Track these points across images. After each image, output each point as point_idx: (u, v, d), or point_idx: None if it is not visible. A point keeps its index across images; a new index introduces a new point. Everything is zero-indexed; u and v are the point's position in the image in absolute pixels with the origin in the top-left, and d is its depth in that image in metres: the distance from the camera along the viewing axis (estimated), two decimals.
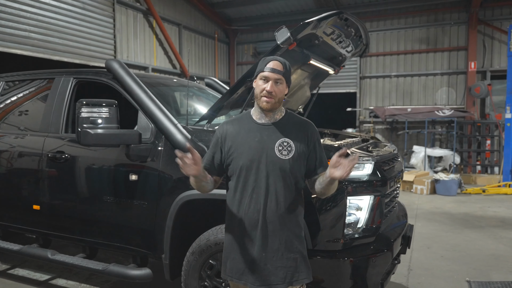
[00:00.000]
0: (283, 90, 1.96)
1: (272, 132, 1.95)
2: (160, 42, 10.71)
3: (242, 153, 1.94)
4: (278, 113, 2.01)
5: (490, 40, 11.14)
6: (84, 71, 3.53)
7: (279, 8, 12.69)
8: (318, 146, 2.01)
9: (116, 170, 3.04)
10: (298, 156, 1.93)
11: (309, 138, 1.98)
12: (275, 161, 1.91)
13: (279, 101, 1.96)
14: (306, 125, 2.03)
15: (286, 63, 1.97)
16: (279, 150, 1.91)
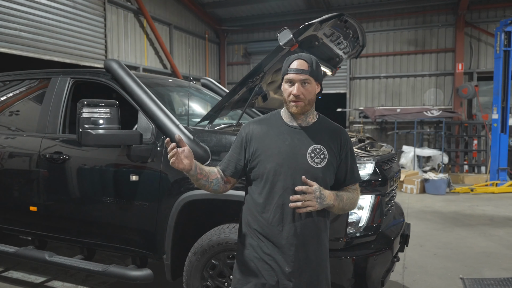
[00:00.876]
0: (313, 90, 1.79)
1: (304, 136, 1.80)
2: (151, 42, 10.65)
3: (270, 157, 1.78)
4: (310, 115, 1.85)
5: (476, 42, 11.37)
6: (82, 71, 3.51)
7: (270, 8, 12.73)
8: (350, 156, 1.86)
9: (116, 170, 3.02)
10: (330, 165, 1.78)
11: (341, 146, 1.83)
12: (307, 169, 1.73)
13: (310, 103, 1.80)
14: (339, 132, 1.87)
15: (312, 59, 1.78)
16: (311, 157, 1.76)
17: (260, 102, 3.38)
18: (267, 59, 2.74)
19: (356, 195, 1.88)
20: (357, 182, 1.89)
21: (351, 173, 1.86)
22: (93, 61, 8.56)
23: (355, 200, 1.87)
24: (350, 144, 1.87)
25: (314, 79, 1.78)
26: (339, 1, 12.08)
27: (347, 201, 1.82)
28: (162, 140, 2.88)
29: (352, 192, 1.87)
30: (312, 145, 1.78)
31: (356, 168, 1.88)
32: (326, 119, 1.94)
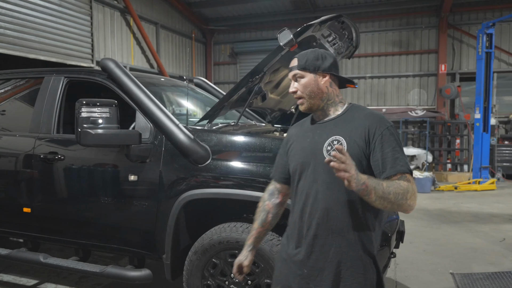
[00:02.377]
0: (309, 82, 1.67)
1: (324, 130, 1.67)
2: (137, 41, 10.55)
3: (295, 155, 1.74)
4: (330, 109, 1.71)
5: (459, 43, 11.66)
6: (76, 70, 3.47)
7: (256, 9, 12.77)
8: (384, 144, 1.56)
9: (114, 170, 3.00)
10: (352, 155, 1.47)
11: (369, 134, 1.58)
12: (323, 165, 1.55)
13: (312, 96, 1.68)
14: (368, 119, 1.62)
15: (306, 53, 1.70)
16: (327, 151, 1.61)
17: (258, 102, 3.40)
18: (267, 59, 2.77)
19: (405, 183, 1.50)
20: (397, 173, 1.53)
21: (388, 163, 1.55)
22: (80, 60, 8.44)
23: (405, 189, 1.48)
24: (383, 131, 1.58)
25: (309, 71, 1.67)
26: (325, 2, 12.20)
27: (390, 188, 1.46)
28: (160, 139, 2.87)
29: (399, 181, 1.51)
30: (330, 137, 1.63)
31: (399, 157, 1.55)
32: (360, 108, 1.71)
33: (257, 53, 13.44)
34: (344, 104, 1.73)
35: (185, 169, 2.77)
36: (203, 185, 2.72)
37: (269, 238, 2.60)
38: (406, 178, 1.54)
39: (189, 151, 2.73)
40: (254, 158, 2.68)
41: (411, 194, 1.50)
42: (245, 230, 2.63)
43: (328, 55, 1.70)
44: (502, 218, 6.33)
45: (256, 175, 2.62)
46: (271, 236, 2.62)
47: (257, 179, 2.61)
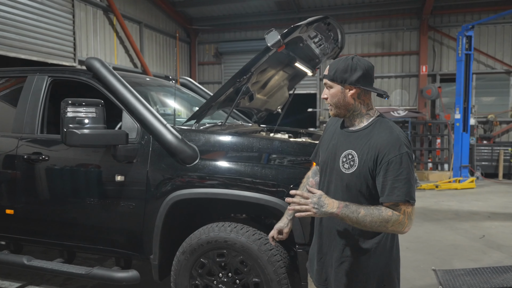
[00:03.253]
0: (336, 94, 1.75)
1: (345, 140, 1.79)
2: (121, 40, 10.42)
3: (323, 152, 1.93)
4: (355, 119, 1.79)
5: (439, 45, 11.91)
6: (60, 69, 3.42)
7: (241, 9, 12.77)
8: (388, 172, 1.64)
9: (100, 171, 2.98)
10: (360, 173, 1.68)
11: (378, 157, 1.66)
12: (338, 172, 1.77)
13: (339, 106, 1.77)
14: (383, 142, 1.67)
15: (338, 63, 1.75)
16: (342, 162, 1.75)
17: (245, 102, 3.42)
18: (255, 59, 2.79)
19: (389, 213, 1.62)
20: (390, 202, 1.63)
21: (385, 191, 1.64)
22: (62, 59, 8.28)
23: (385, 219, 1.61)
24: (392, 158, 1.64)
25: (337, 82, 1.74)
26: (309, 3, 12.29)
27: (367, 218, 1.61)
28: (147, 139, 2.86)
29: (385, 210, 1.63)
30: (347, 150, 1.75)
31: (398, 186, 1.62)
32: (385, 126, 1.73)
33: (241, 53, 13.45)
34: (371, 116, 1.79)
35: (172, 169, 2.77)
36: (191, 185, 2.72)
37: (257, 238, 2.62)
38: (397, 207, 1.64)
39: (177, 151, 2.72)
40: (242, 157, 2.70)
41: (394, 222, 1.62)
42: (233, 230, 2.65)
43: (358, 67, 1.72)
44: (481, 216, 6.51)
45: (244, 175, 2.64)
46: (259, 235, 2.65)
47: (245, 179, 2.63)
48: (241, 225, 2.69)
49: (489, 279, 3.71)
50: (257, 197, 2.59)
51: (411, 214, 1.65)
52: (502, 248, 4.84)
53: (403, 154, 1.64)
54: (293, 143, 2.73)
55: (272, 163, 2.65)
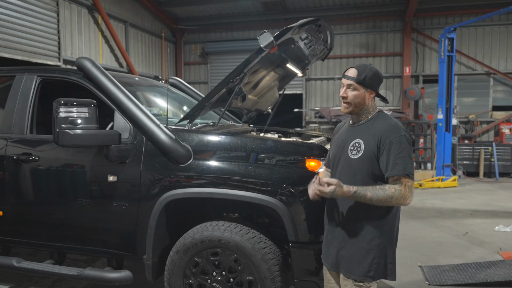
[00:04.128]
0: (360, 95, 2.04)
1: (352, 133, 2.10)
2: (106, 39, 10.31)
3: (332, 149, 2.22)
4: (362, 116, 2.10)
5: (422, 47, 12.16)
6: (50, 69, 3.39)
7: (227, 9, 12.78)
8: (391, 151, 1.93)
9: (92, 171, 2.96)
10: (366, 157, 1.98)
11: (380, 141, 1.96)
12: (347, 159, 2.06)
13: (357, 105, 2.06)
14: (384, 128, 1.99)
15: (366, 69, 2.03)
16: (350, 150, 2.05)
17: (238, 103, 3.45)
18: (248, 60, 2.82)
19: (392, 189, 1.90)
20: (394, 176, 1.92)
21: (388, 167, 1.93)
22: (46, 58, 8.15)
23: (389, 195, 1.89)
24: (392, 139, 1.94)
25: (363, 86, 2.03)
26: (295, 4, 12.39)
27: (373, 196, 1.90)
28: (140, 139, 2.86)
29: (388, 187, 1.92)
30: (354, 139, 2.05)
31: (399, 162, 1.91)
32: (384, 118, 2.06)
33: (228, 54, 13.46)
34: (374, 112, 2.10)
35: (166, 169, 2.78)
36: (185, 184, 2.74)
37: (251, 236, 2.66)
38: (399, 181, 1.93)
39: (170, 151, 2.74)
40: (236, 157, 2.72)
41: (398, 197, 1.92)
42: (227, 229, 2.68)
43: (379, 75, 2.08)
44: (464, 213, 6.68)
45: (238, 174, 2.67)
46: (252, 234, 2.68)
47: (239, 178, 2.66)
48: (235, 224, 2.72)
49: (473, 275, 3.82)
50: (251, 196, 2.62)
51: (411, 187, 1.95)
52: (484, 245, 4.99)
53: (401, 136, 1.95)
54: (286, 143, 2.77)
55: (266, 163, 2.68)
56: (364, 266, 2.03)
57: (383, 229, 2.04)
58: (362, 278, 2.03)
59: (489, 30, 11.59)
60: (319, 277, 2.63)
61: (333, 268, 2.15)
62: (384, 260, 2.05)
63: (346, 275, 2.08)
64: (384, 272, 2.06)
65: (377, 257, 2.03)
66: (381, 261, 2.04)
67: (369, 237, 2.03)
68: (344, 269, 2.08)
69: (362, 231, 2.04)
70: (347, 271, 2.07)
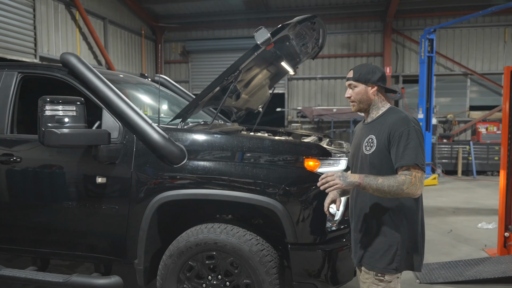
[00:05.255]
0: (360, 91, 2.10)
1: (366, 130, 2.16)
2: (84, 36, 10.01)
3: (351, 149, 2.30)
4: (373, 112, 2.14)
5: (402, 47, 12.36)
6: (32, 65, 3.22)
7: (209, 7, 12.63)
8: (400, 143, 1.96)
9: (79, 172, 2.82)
10: (379, 151, 2.03)
11: (390, 133, 2.00)
12: (363, 157, 2.12)
13: (361, 102, 2.11)
14: (394, 121, 2.02)
15: (361, 67, 2.13)
16: (365, 146, 2.11)
17: (231, 101, 3.36)
18: (243, 57, 2.74)
19: (402, 177, 1.91)
20: (403, 166, 1.93)
21: (398, 157, 1.96)
22: (22, 55, 7.83)
23: (400, 182, 1.89)
24: (401, 132, 1.96)
25: (360, 82, 2.10)
26: (277, 4, 12.36)
27: (385, 182, 1.90)
28: (129, 139, 2.74)
29: (398, 175, 1.93)
30: (368, 136, 2.11)
31: (408, 153, 1.93)
32: (394, 112, 2.08)
33: (209, 52, 13.32)
34: (384, 107, 2.13)
35: (159, 169, 2.67)
36: (179, 186, 2.64)
37: (248, 238, 2.58)
38: (408, 171, 1.93)
39: (164, 151, 2.63)
40: (232, 157, 2.64)
41: (409, 185, 1.91)
42: (223, 231, 2.59)
43: (377, 70, 2.12)
44: (446, 211, 6.80)
45: (235, 175, 2.59)
46: (249, 235, 2.60)
47: (236, 179, 2.58)
48: (231, 226, 2.64)
49: (462, 272, 3.86)
50: (249, 197, 2.55)
51: (421, 178, 1.95)
52: (469, 242, 5.07)
53: (410, 128, 1.97)
54: (284, 142, 2.71)
55: (264, 163, 2.61)
56: (387, 258, 2.04)
57: (405, 222, 2.05)
58: (384, 270, 2.05)
59: (466, 31, 11.88)
60: (320, 279, 2.60)
61: (357, 264, 2.18)
62: (408, 252, 2.07)
63: (368, 268, 2.09)
64: (410, 263, 2.08)
65: (399, 249, 2.04)
66: (403, 253, 2.05)
67: (391, 231, 2.04)
68: (367, 263, 2.10)
69: (385, 225, 2.06)
70: (369, 264, 2.08)
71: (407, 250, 2.06)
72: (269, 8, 12.55)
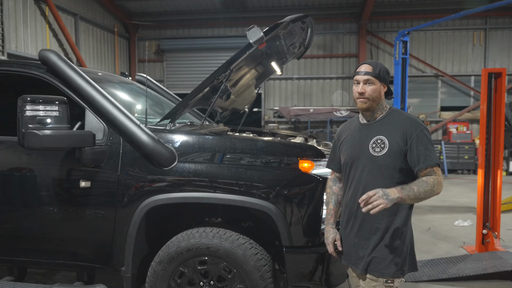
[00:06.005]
0: (377, 89, 2.03)
1: (369, 131, 2.07)
2: (54, 33, 9.61)
3: (346, 150, 2.15)
4: (378, 112, 2.08)
5: (376, 49, 12.59)
6: (6, 62, 3.05)
7: (184, 5, 12.44)
8: (418, 144, 1.96)
9: (60, 176, 2.67)
10: (393, 152, 1.98)
11: (406, 135, 1.98)
12: (369, 157, 2.03)
13: (374, 100, 2.03)
14: (406, 122, 2.02)
15: (377, 64, 2.05)
16: (373, 148, 2.02)
17: (222, 102, 3.28)
18: (235, 57, 2.67)
19: (431, 179, 1.92)
20: (427, 167, 1.94)
21: (420, 159, 1.94)
22: None
23: (431, 185, 1.90)
24: (417, 133, 1.96)
25: (378, 80, 2.03)
26: (254, 3, 12.31)
27: (420, 189, 1.89)
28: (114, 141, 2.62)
29: (426, 178, 1.92)
30: (374, 136, 2.04)
31: (429, 154, 1.94)
32: (400, 112, 2.09)
33: (185, 51, 13.12)
34: (386, 108, 2.10)
35: (148, 173, 2.56)
36: (169, 189, 2.54)
37: (242, 242, 2.52)
38: (433, 171, 1.95)
39: (153, 153, 2.52)
40: (225, 159, 2.57)
41: (437, 185, 1.93)
42: (216, 235, 2.52)
43: (388, 69, 2.09)
44: (423, 209, 6.95)
45: (228, 177, 2.52)
46: (243, 239, 2.54)
47: (229, 181, 2.52)
48: (224, 230, 2.56)
49: (445, 270, 3.94)
50: (242, 200, 2.48)
51: (441, 174, 1.99)
52: (448, 239, 5.20)
53: (424, 129, 1.99)
54: (277, 144, 2.66)
55: (257, 165, 2.55)
56: (396, 263, 2.00)
57: (408, 224, 2.07)
58: (394, 275, 2.01)
59: (437, 34, 12.24)
60: (313, 281, 2.56)
61: (363, 272, 2.06)
62: (410, 254, 2.08)
63: (376, 275, 2.02)
64: (413, 265, 2.09)
65: (408, 251, 2.04)
66: (408, 256, 2.05)
67: (397, 235, 2.02)
68: (374, 270, 2.02)
69: (390, 229, 2.02)
70: (377, 271, 2.01)
71: (410, 252, 2.06)
72: (246, 8, 12.49)
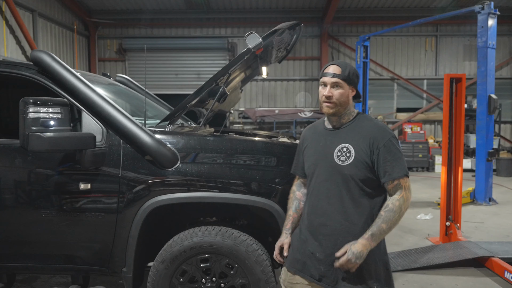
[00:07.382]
0: (344, 93, 1.88)
1: (334, 137, 1.92)
2: (11, 29, 9.13)
3: (309, 157, 2.01)
4: (344, 117, 1.93)
5: (337, 52, 13.07)
6: None
7: (147, 4, 12.23)
8: (385, 154, 1.82)
9: (59, 179, 2.64)
10: (359, 162, 1.83)
11: (373, 144, 1.84)
12: (334, 166, 1.87)
13: (342, 105, 1.88)
14: (374, 130, 1.87)
15: (347, 66, 1.90)
16: (338, 156, 1.87)
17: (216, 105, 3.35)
18: (234, 61, 2.77)
19: (397, 203, 1.80)
20: (394, 180, 1.81)
21: (387, 171, 1.82)
22: None
23: (398, 210, 1.79)
24: (384, 142, 1.83)
25: (347, 83, 1.89)
26: (219, 4, 12.36)
27: (389, 223, 1.78)
28: (114, 142, 2.63)
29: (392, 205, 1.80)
30: (340, 144, 1.89)
31: (396, 165, 1.81)
32: (368, 118, 1.95)
33: (148, 51, 12.89)
34: (353, 113, 1.97)
35: (150, 174, 2.60)
36: (172, 190, 2.60)
37: (243, 239, 2.63)
38: (399, 184, 1.83)
39: (156, 155, 2.57)
40: (226, 159, 2.66)
41: (404, 204, 1.82)
42: (218, 233, 2.61)
43: (357, 72, 1.96)
44: None
45: (229, 177, 2.62)
46: (244, 236, 2.65)
47: (230, 181, 2.61)
48: (225, 228, 2.66)
49: (416, 259, 4.26)
50: (245, 198, 2.59)
51: (409, 186, 1.87)
52: (413, 232, 5.58)
53: (392, 138, 1.87)
54: (276, 144, 2.79)
55: (258, 164, 2.67)
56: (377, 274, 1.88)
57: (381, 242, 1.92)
58: None
59: (393, 40, 12.93)
60: None
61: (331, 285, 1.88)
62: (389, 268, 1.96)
63: None
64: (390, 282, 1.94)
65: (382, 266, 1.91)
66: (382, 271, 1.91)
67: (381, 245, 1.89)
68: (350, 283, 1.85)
69: None
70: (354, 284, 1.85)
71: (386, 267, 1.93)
72: (211, 9, 12.51)
